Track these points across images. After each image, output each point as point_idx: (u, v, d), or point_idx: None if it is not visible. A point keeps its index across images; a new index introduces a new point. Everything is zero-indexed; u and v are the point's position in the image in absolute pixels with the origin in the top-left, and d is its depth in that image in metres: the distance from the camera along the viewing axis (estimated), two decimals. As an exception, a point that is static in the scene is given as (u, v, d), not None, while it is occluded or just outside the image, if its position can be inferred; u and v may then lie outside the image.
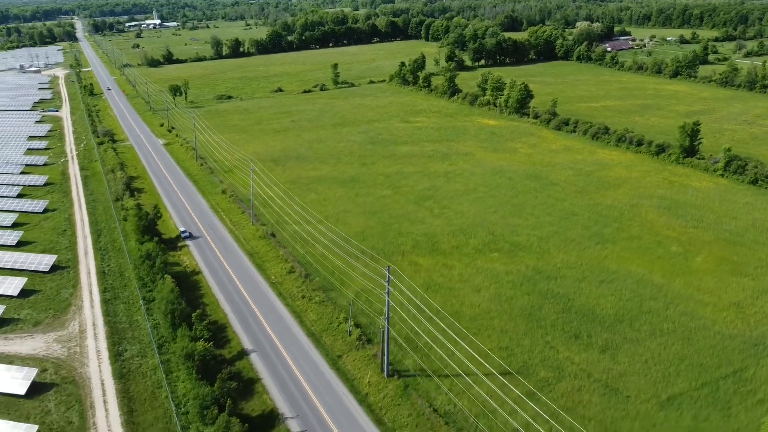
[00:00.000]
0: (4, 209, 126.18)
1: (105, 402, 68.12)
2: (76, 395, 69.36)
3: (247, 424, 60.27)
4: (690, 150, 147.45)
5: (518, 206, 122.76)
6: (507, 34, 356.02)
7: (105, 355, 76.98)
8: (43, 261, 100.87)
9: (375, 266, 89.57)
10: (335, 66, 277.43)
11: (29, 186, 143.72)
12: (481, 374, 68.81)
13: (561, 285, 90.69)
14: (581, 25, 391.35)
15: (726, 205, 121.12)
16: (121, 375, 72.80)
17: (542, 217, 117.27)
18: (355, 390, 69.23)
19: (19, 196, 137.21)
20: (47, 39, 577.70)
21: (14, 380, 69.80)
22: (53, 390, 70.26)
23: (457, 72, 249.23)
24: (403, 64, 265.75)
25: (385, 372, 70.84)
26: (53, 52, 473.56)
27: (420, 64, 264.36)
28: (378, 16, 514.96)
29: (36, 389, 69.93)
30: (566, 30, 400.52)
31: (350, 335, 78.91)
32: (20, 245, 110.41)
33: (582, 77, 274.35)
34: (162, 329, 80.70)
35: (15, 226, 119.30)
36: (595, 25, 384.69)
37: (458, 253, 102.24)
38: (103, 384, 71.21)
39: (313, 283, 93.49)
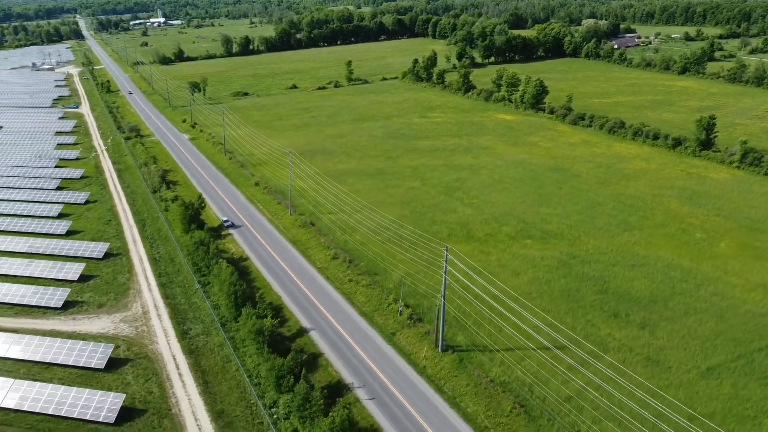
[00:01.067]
0: (49, 200, 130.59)
1: (180, 375, 72.76)
2: (152, 369, 74.00)
3: (326, 390, 64.97)
4: (706, 143, 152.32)
5: (544, 196, 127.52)
6: (514, 32, 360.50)
7: (171, 333, 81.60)
8: (96, 248, 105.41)
9: (418, 251, 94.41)
10: (349, 63, 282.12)
11: (66, 179, 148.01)
12: (531, 348, 73.66)
13: (595, 269, 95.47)
14: (587, 22, 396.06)
15: (744, 195, 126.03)
16: (191, 351, 77.46)
17: (569, 206, 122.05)
18: (413, 363, 73.99)
19: (59, 188, 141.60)
20: (54, 37, 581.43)
21: (93, 355, 74.42)
22: (129, 365, 74.91)
23: (472, 69, 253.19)
24: (416, 61, 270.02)
25: (440, 347, 75.58)
26: (62, 50, 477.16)
27: (432, 61, 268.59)
28: (384, 14, 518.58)
29: (113, 364, 74.58)
30: (572, 27, 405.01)
31: (401, 315, 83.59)
32: (69, 234, 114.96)
33: (591, 74, 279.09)
34: (222, 310, 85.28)
35: (61, 216, 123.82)
36: (602, 22, 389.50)
37: (493, 240, 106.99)
38: (175, 359, 75.85)
39: (358, 267, 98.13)
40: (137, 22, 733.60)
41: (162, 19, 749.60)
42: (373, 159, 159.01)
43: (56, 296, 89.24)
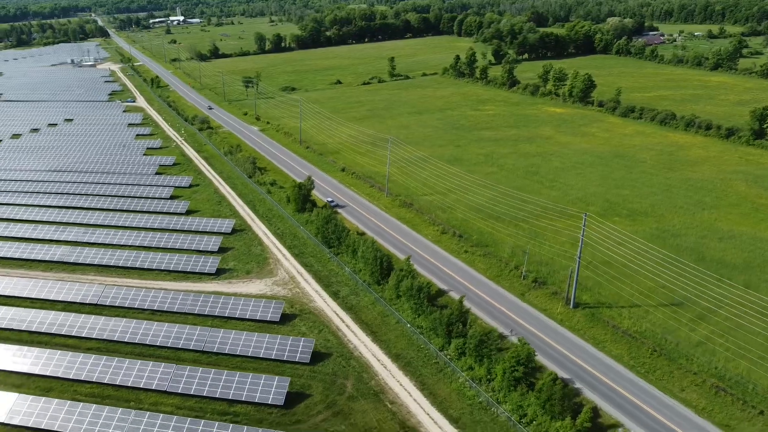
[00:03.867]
0: (161, 184, 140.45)
1: (347, 326, 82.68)
2: (320, 322, 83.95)
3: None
4: (759, 132, 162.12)
5: (618, 180, 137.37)
6: (546, 29, 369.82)
7: (324, 294, 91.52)
8: (224, 224, 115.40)
9: (523, 225, 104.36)
10: (391, 59, 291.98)
11: (163, 165, 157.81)
12: (653, 305, 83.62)
13: (686, 241, 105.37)
14: (612, 20, 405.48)
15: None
16: (348, 308, 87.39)
17: (643, 188, 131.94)
18: (551, 316, 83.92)
19: (157, 173, 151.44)
20: (80, 35, 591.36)
21: (267, 310, 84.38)
22: (297, 318, 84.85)
23: (516, 64, 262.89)
24: (458, 57, 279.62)
25: (572, 303, 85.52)
26: (92, 48, 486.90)
27: (473, 57, 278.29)
28: (407, 12, 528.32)
29: (285, 318, 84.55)
30: (595, 25, 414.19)
31: (525, 279, 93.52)
32: (189, 213, 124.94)
33: (625, 70, 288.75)
34: (363, 275, 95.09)
35: (173, 198, 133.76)
36: (627, 20, 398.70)
37: (578, 219, 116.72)
38: (337, 314, 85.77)
39: (469, 240, 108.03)
40: (157, 20, 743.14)
41: (181, 18, 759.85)
42: (443, 147, 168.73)
43: (209, 263, 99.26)
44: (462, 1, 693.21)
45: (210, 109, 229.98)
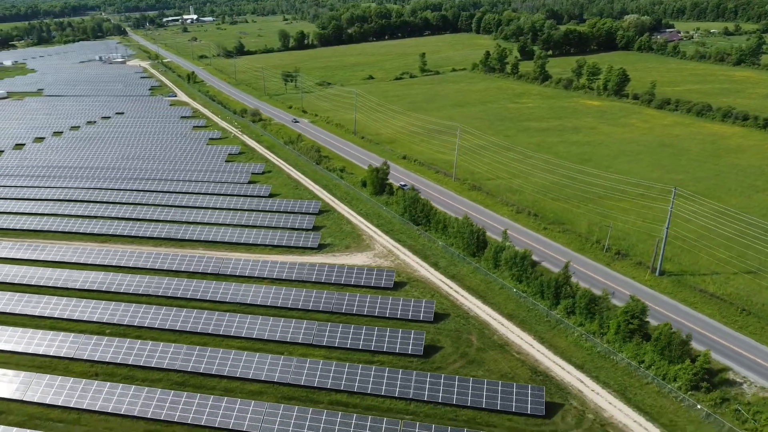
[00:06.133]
0: (237, 170, 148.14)
1: (456, 291, 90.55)
2: (430, 288, 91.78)
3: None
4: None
5: (669, 166, 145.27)
6: (569, 27, 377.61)
7: (424, 265, 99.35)
8: (311, 205, 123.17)
9: (594, 207, 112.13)
10: (422, 55, 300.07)
11: (231, 154, 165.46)
12: (733, 272, 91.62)
13: (749, 219, 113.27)
14: (630, 18, 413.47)
15: None
16: (451, 276, 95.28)
17: (696, 173, 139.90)
18: (640, 282, 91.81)
19: (227, 161, 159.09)
20: (98, 33, 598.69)
21: (380, 278, 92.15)
22: (407, 286, 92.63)
23: (548, 60, 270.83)
24: (488, 53, 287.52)
25: (658, 271, 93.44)
26: (114, 45, 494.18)
27: (503, 53, 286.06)
28: (422, 11, 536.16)
29: (397, 285, 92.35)
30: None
31: (607, 251, 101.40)
32: (271, 196, 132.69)
33: (650, 65, 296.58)
34: (456, 248, 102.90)
35: (251, 182, 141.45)
36: (644, 18, 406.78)
37: (648, 198, 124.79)
38: (442, 281, 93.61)
39: (545, 219, 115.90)
40: (170, 18, 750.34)
41: (194, 16, 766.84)
42: (494, 137, 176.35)
43: (310, 239, 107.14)
44: (473, 0, 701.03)
45: (295, 122, 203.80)
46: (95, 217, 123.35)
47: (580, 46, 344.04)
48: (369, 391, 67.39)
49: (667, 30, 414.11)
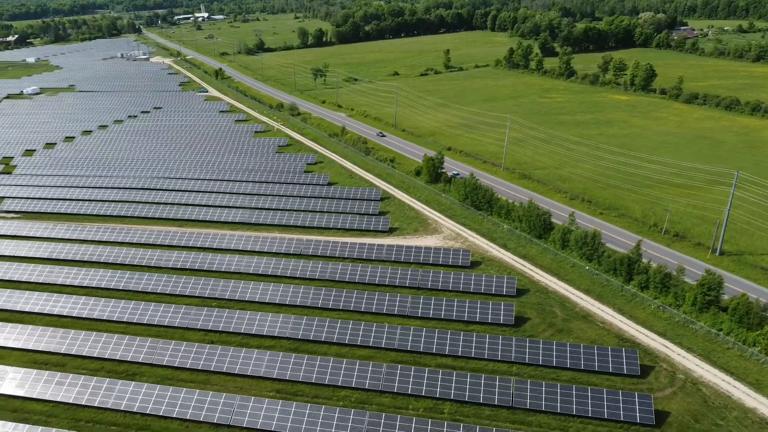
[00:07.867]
0: (291, 161, 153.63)
1: (530, 269, 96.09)
2: (505, 266, 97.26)
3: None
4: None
5: (709, 156, 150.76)
6: (587, 24, 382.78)
7: (494, 245, 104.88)
8: (372, 192, 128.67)
9: (647, 193, 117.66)
10: (447, 52, 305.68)
11: (280, 146, 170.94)
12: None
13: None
14: (645, 15, 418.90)
15: None
16: (522, 255, 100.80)
17: (737, 163, 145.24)
18: (702, 261, 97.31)
19: (278, 153, 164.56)
20: (113, 31, 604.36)
21: (457, 258, 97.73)
22: (483, 264, 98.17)
23: (573, 56, 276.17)
24: (511, 50, 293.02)
25: (718, 251, 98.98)
26: (131, 43, 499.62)
27: (529, 50, 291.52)
28: (435, 8, 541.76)
29: (473, 264, 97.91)
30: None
31: (665, 234, 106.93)
32: (330, 184, 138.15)
33: (671, 62, 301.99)
34: (522, 230, 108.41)
35: (307, 172, 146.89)
36: (660, 15, 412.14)
37: (692, 187, 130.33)
38: (515, 260, 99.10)
39: (599, 205, 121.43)
40: (182, 16, 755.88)
41: (205, 14, 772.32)
42: (532, 130, 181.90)
43: (381, 222, 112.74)
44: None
45: (382, 136, 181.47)
46: (174, 204, 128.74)
47: (598, 43, 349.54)
48: (473, 355, 72.94)
49: (682, 27, 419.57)
